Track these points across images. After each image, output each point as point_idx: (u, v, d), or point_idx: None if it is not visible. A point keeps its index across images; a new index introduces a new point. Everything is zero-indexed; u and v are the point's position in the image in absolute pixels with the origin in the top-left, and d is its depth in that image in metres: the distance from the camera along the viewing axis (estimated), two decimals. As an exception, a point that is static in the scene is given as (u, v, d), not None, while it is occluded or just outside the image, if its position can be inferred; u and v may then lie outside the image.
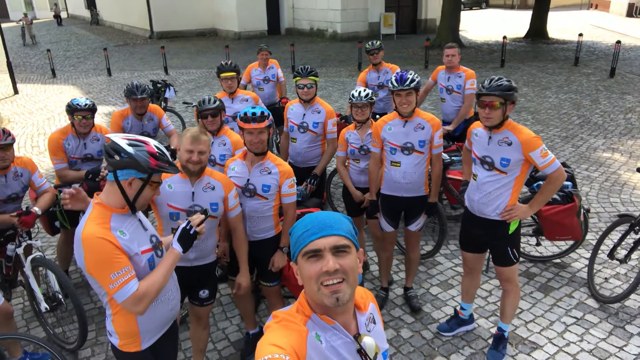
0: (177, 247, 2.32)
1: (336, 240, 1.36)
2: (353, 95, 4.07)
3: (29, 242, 3.87)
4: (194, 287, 3.15)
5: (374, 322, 1.54)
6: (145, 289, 2.13)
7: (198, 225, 2.39)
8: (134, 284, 2.10)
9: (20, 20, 25.19)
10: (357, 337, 1.41)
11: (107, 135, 2.22)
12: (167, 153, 2.28)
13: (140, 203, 2.24)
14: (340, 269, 1.34)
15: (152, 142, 2.25)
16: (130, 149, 2.13)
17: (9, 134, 3.69)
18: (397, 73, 3.71)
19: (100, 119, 8.00)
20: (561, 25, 25.28)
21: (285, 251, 3.43)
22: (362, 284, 3.38)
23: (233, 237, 3.28)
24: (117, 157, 2.14)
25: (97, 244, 2.04)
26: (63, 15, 41.46)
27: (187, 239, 2.35)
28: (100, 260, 2.05)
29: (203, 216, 2.45)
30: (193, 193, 3.00)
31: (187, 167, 2.93)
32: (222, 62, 5.29)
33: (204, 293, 3.16)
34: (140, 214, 2.36)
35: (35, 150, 8.70)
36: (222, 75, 5.18)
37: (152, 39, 24.69)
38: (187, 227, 2.36)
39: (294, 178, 3.38)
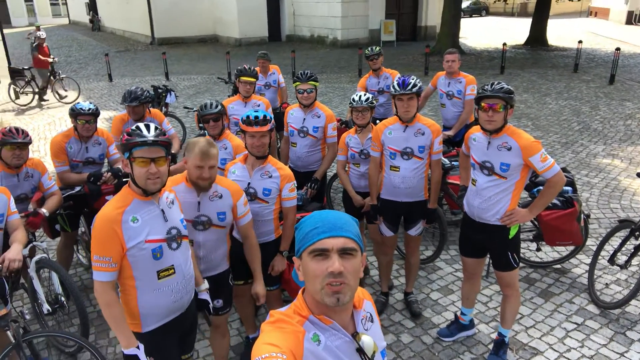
0: None
1: (344, 242, 1.35)
2: (353, 99, 4.09)
3: (34, 243, 3.87)
4: None
5: (372, 321, 1.54)
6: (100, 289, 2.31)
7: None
8: (103, 276, 2.29)
9: (29, 34, 16.20)
10: (355, 335, 1.42)
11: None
12: (149, 130, 2.34)
13: (140, 183, 2.33)
14: (345, 272, 1.33)
15: (144, 125, 2.38)
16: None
17: (27, 134, 3.78)
18: (399, 77, 3.69)
19: (100, 123, 8.01)
20: (561, 33, 25.39)
21: (285, 255, 3.42)
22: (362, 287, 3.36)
23: (245, 246, 3.16)
24: None
25: (100, 225, 2.28)
26: (64, 21, 41.53)
27: None
28: (95, 239, 2.29)
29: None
30: (199, 203, 2.92)
31: (198, 184, 2.85)
32: (245, 66, 5.29)
33: (218, 302, 3.10)
34: (170, 204, 2.51)
35: (35, 154, 8.70)
36: (243, 78, 5.19)
37: (153, 45, 24.76)
38: None
39: (295, 182, 3.38)
